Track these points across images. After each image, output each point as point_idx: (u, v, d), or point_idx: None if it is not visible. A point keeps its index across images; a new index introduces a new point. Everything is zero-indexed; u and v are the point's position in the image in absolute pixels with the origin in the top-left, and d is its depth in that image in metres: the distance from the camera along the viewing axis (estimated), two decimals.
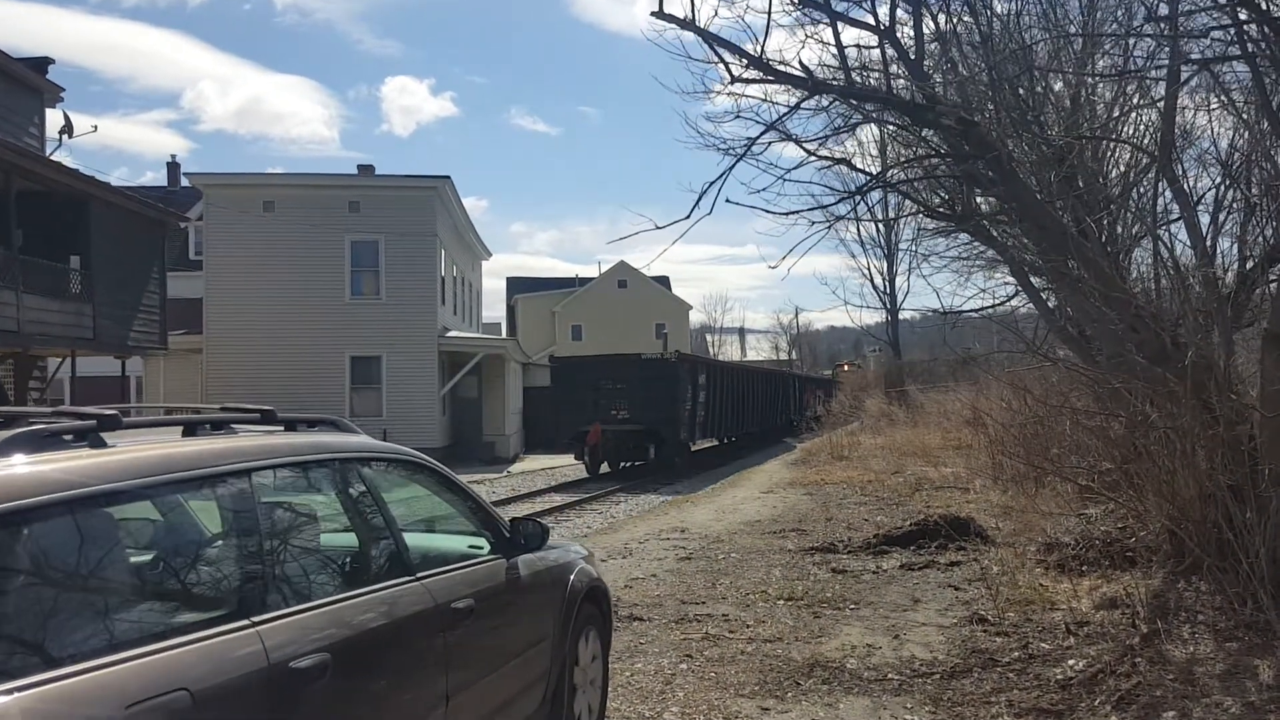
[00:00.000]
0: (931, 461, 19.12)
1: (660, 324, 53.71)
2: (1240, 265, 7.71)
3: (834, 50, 7.91)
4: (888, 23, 7.99)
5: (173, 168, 38.11)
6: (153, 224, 21.02)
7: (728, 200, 7.74)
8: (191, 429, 2.96)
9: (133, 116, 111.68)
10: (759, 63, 7.37)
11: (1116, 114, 9.53)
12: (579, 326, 56.38)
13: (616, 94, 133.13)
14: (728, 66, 7.51)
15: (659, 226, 7.78)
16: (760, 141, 7.73)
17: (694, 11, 7.19)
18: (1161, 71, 7.90)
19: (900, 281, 41.78)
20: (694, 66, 7.69)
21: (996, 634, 6.53)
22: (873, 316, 43.17)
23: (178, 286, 25.79)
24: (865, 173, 9.37)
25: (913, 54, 8.06)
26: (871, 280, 42.47)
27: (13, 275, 15.85)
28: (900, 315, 41.91)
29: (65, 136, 21.36)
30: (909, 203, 11.59)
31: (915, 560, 9.45)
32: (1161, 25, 7.10)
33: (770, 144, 8.01)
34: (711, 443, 29.24)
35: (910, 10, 8.16)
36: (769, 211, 7.93)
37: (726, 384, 28.42)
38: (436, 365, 26.88)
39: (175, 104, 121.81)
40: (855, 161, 9.37)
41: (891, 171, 10.15)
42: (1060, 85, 9.65)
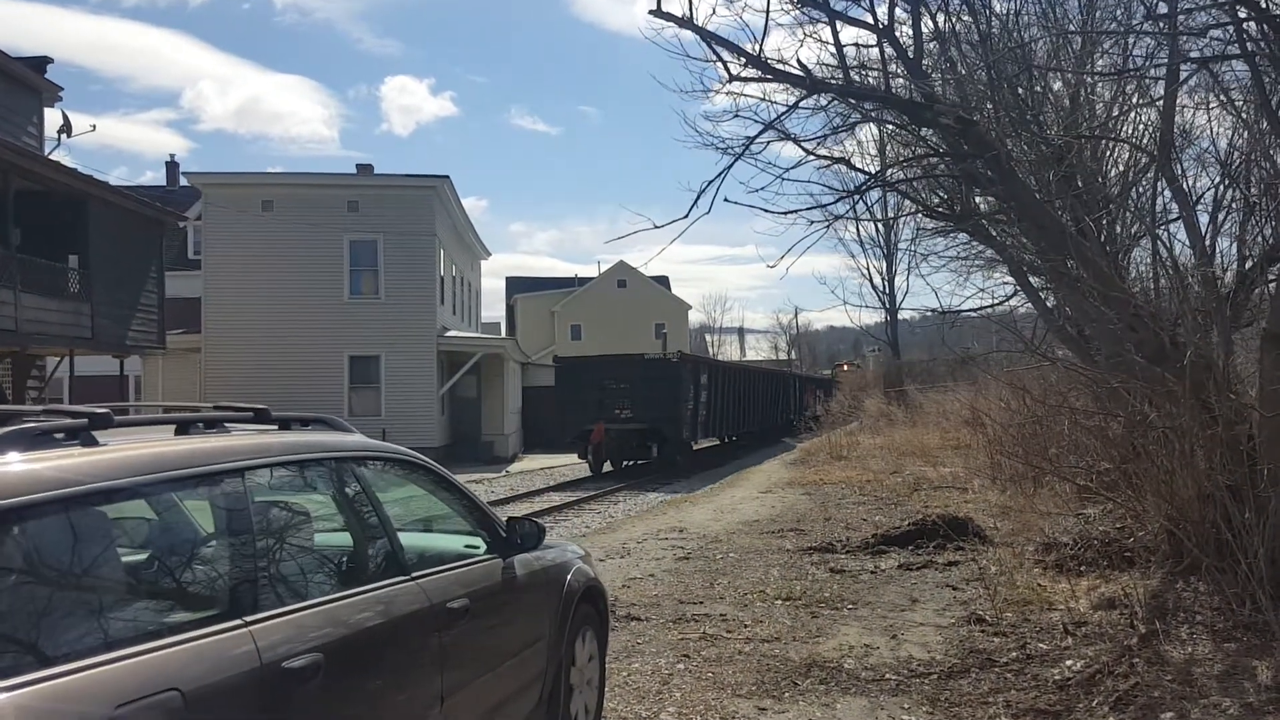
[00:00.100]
0: (930, 461, 19.12)
1: (660, 324, 53.67)
2: (1239, 265, 7.70)
3: (832, 49, 7.92)
4: (886, 22, 7.99)
5: (171, 167, 38.07)
6: (151, 223, 21.01)
7: (726, 200, 7.74)
8: (184, 428, 2.93)
9: (132, 116, 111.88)
10: (757, 61, 7.36)
11: (1115, 113, 9.53)
12: (578, 326, 56.37)
13: (616, 94, 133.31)
14: (726, 65, 7.51)
15: (657, 226, 7.78)
16: (759, 141, 7.74)
17: (692, 10, 7.19)
18: (1160, 71, 7.89)
19: (899, 281, 41.87)
20: (692, 65, 7.69)
21: (994, 634, 6.52)
22: (872, 316, 43.26)
23: (176, 286, 25.81)
24: (864, 172, 9.36)
25: (911, 53, 8.06)
26: (871, 280, 42.59)
27: (11, 274, 15.83)
28: (899, 315, 42.00)
29: (64, 136, 21.40)
30: (908, 202, 11.59)
31: (913, 560, 9.44)
32: (1160, 24, 7.09)
33: (769, 143, 8.02)
34: (713, 442, 29.27)
35: (909, 9, 8.15)
36: (768, 211, 7.93)
37: (728, 384, 28.50)
38: (435, 365, 26.86)
39: (175, 103, 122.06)
40: (854, 161, 9.37)
41: (890, 171, 10.15)
42: (1059, 84, 9.64)
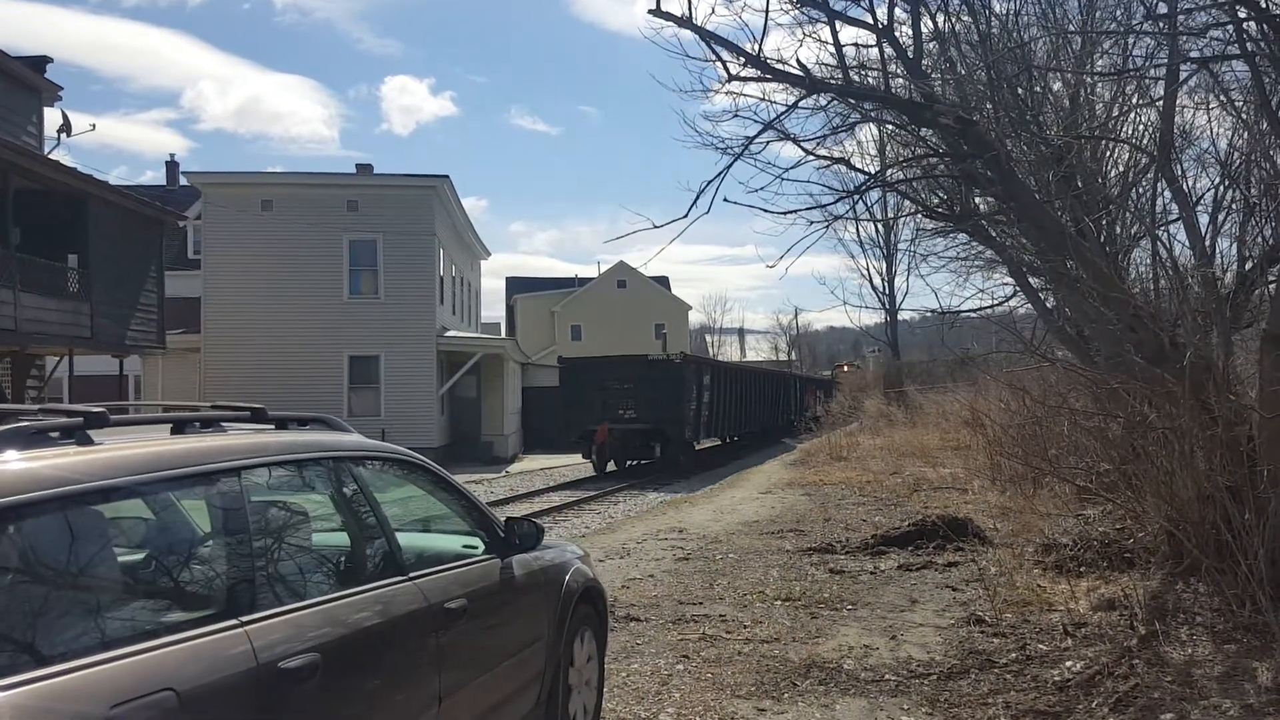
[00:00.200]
0: (930, 462, 19.11)
1: (659, 324, 53.65)
2: (1239, 266, 7.69)
3: (832, 49, 7.91)
4: (886, 22, 7.98)
5: (171, 167, 38.03)
6: (151, 223, 21.00)
7: (725, 199, 7.74)
8: (180, 427, 2.92)
9: (133, 116, 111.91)
10: (756, 61, 7.35)
11: (1115, 114, 9.52)
12: (578, 326, 56.33)
13: (616, 94, 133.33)
14: (725, 65, 7.50)
15: (656, 225, 7.77)
16: (758, 140, 7.73)
17: (691, 9, 7.18)
18: (1160, 71, 7.89)
19: (899, 282, 41.89)
20: (691, 65, 7.69)
21: (994, 635, 6.51)
22: (872, 317, 43.28)
23: (176, 285, 25.79)
24: (863, 172, 9.36)
25: (911, 53, 8.05)
26: (870, 280, 42.62)
27: (10, 273, 15.81)
28: (899, 316, 42.03)
29: (63, 135, 21.42)
30: (907, 203, 11.59)
31: (913, 561, 9.43)
32: (1160, 24, 7.08)
33: (768, 143, 8.02)
34: (715, 442, 29.32)
35: (909, 10, 8.14)
36: (767, 211, 7.93)
37: (730, 384, 28.58)
38: (435, 365, 26.84)
39: (175, 103, 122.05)
40: (854, 161, 9.38)
41: (890, 171, 10.15)
42: (1059, 85, 9.64)
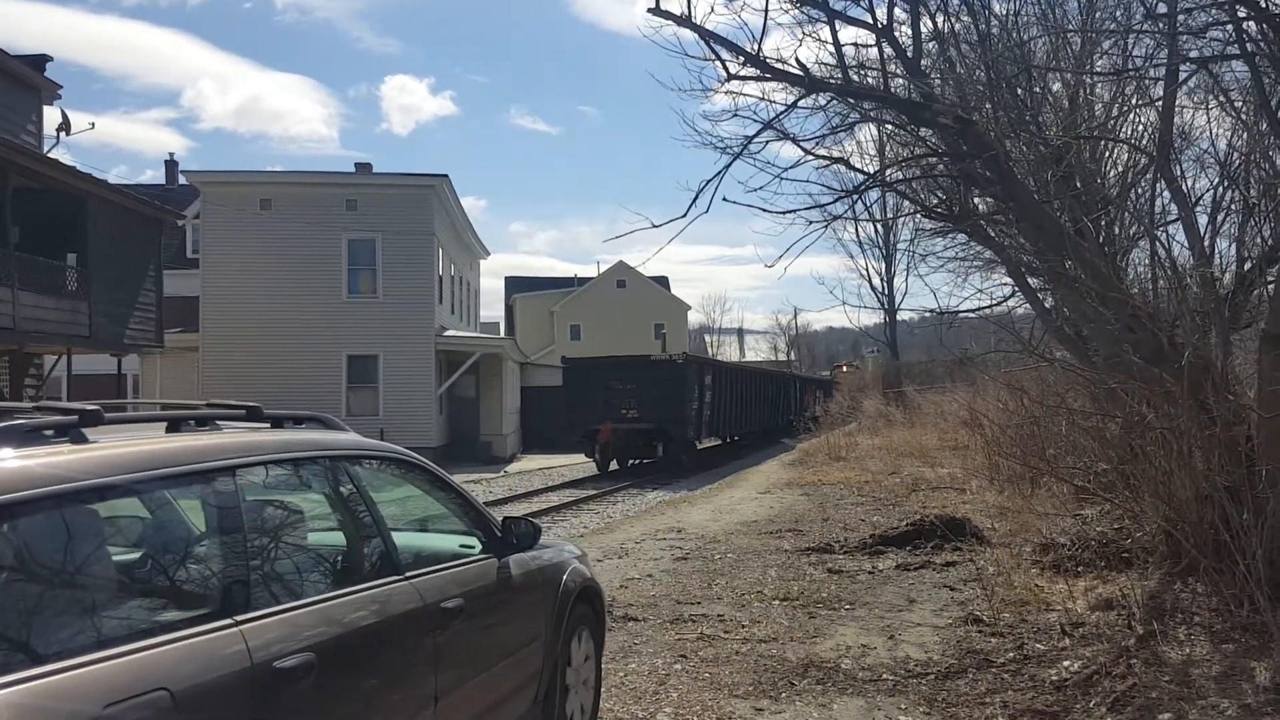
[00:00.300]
0: (928, 462, 19.11)
1: (659, 324, 53.63)
2: (1238, 266, 7.69)
3: (831, 49, 7.91)
4: (885, 22, 7.98)
5: (170, 166, 38.00)
6: (149, 222, 20.98)
7: (725, 199, 7.74)
8: (175, 425, 2.90)
9: (133, 115, 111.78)
10: (756, 60, 7.34)
11: (1115, 114, 9.52)
12: (577, 326, 56.30)
13: (616, 93, 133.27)
14: (724, 64, 7.50)
15: (655, 225, 7.77)
16: (757, 140, 7.73)
17: (690, 8, 7.18)
18: (1160, 71, 7.88)
19: (898, 282, 41.93)
20: (691, 64, 7.69)
21: (992, 635, 6.50)
22: (871, 317, 43.31)
23: (174, 284, 25.77)
24: (863, 172, 9.36)
25: (910, 53, 8.05)
26: (869, 281, 42.67)
27: (8, 272, 15.81)
28: (898, 316, 42.06)
29: (63, 134, 21.42)
30: (907, 203, 11.59)
31: (911, 561, 9.43)
32: (1160, 23, 7.08)
33: (767, 143, 8.02)
34: (716, 441, 29.45)
35: (908, 10, 8.14)
36: (766, 210, 7.92)
37: (731, 385, 28.81)
38: (434, 364, 26.83)
39: (175, 102, 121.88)
40: (853, 161, 9.37)
41: (889, 171, 10.14)
42: (1058, 85, 9.64)
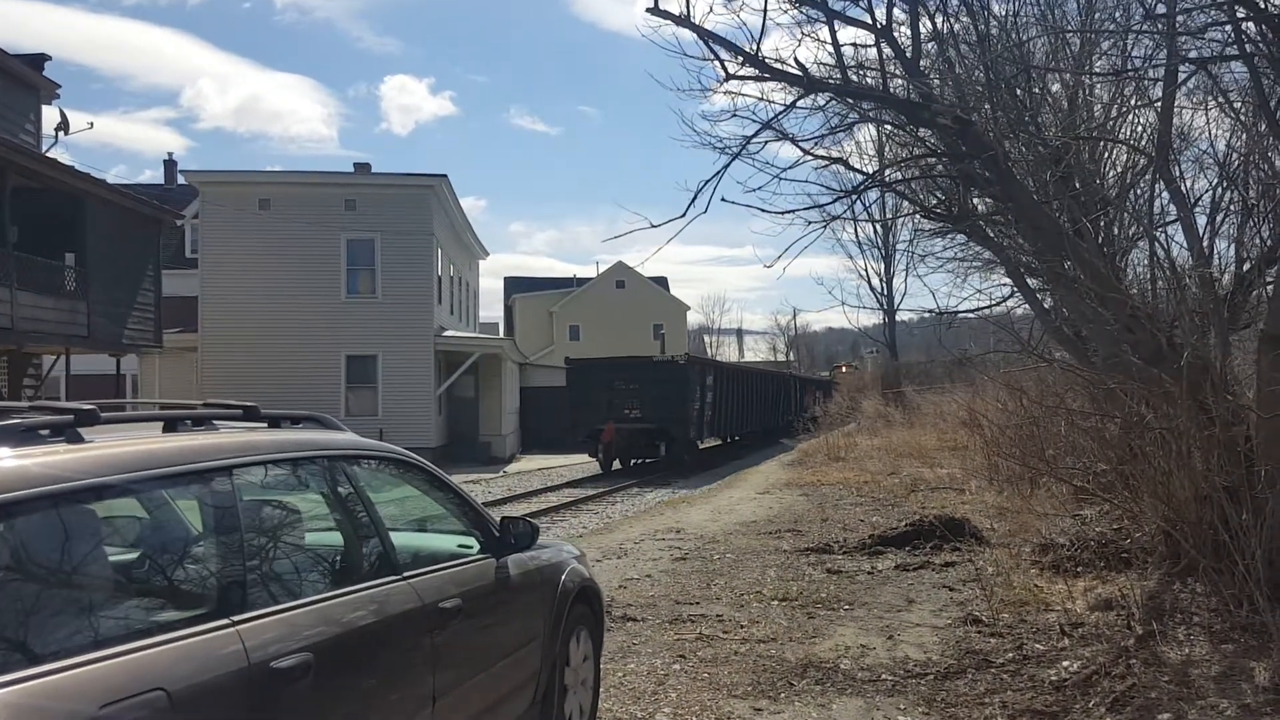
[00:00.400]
0: (927, 462, 19.11)
1: (658, 324, 53.62)
2: (1237, 267, 7.70)
3: (830, 49, 7.91)
4: (884, 22, 7.98)
5: (169, 165, 38.00)
6: (148, 221, 20.97)
7: (723, 199, 7.74)
8: (172, 425, 2.89)
9: (132, 114, 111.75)
10: (755, 60, 7.34)
11: (1114, 115, 9.52)
12: (576, 327, 56.28)
13: (616, 93, 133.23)
14: (723, 64, 7.49)
15: (654, 225, 7.77)
16: (756, 140, 7.73)
17: (689, 8, 7.18)
18: (1159, 72, 7.88)
19: (897, 283, 42.00)
20: (690, 64, 7.69)
21: (991, 635, 6.50)
22: (870, 318, 43.37)
23: (173, 284, 25.77)
24: (861, 172, 9.36)
25: (909, 53, 8.05)
26: (868, 281, 42.77)
27: (7, 272, 15.79)
28: (897, 316, 42.10)
29: (61, 133, 21.39)
30: (906, 203, 11.59)
31: (910, 561, 9.42)
32: (1159, 24, 7.08)
33: (766, 143, 8.02)
34: (717, 441, 29.56)
35: (907, 10, 8.14)
36: (765, 210, 7.92)
37: (732, 385, 29.06)
38: (433, 365, 26.82)
39: (174, 102, 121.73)
40: (852, 161, 9.38)
41: (888, 171, 10.14)
42: (1057, 86, 9.64)
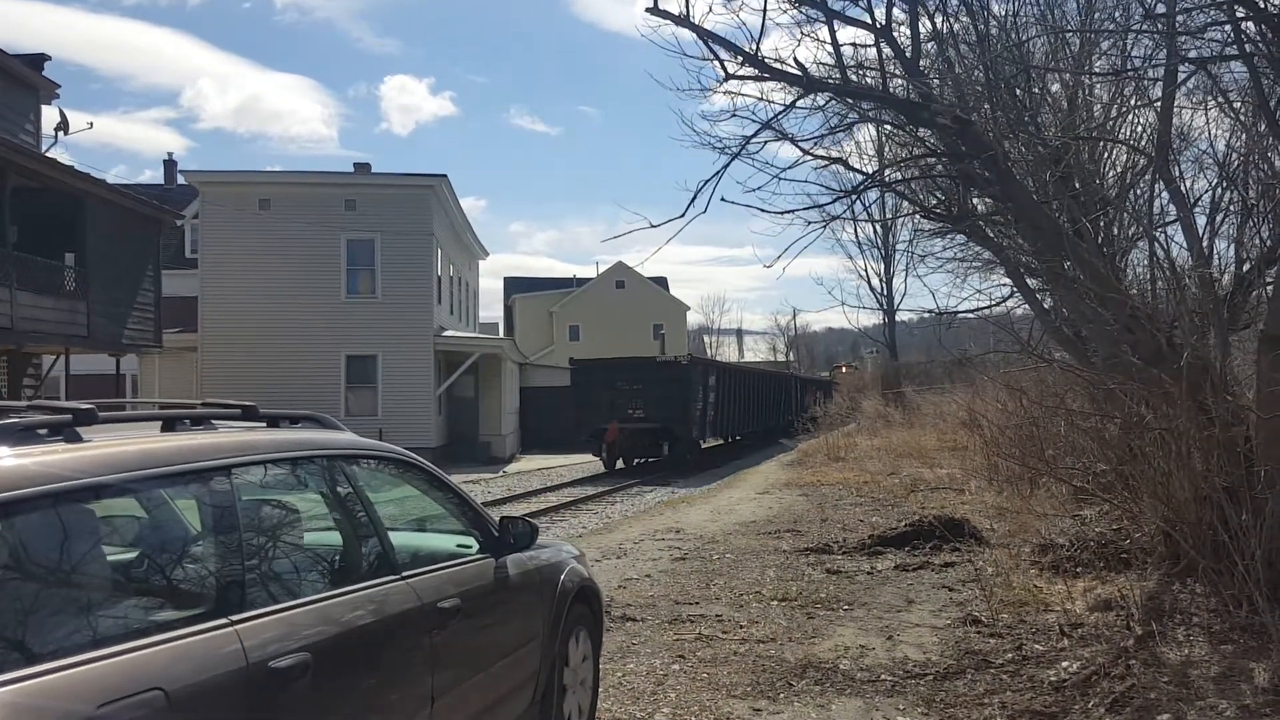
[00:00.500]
0: (927, 463, 19.10)
1: (658, 325, 53.61)
2: (1237, 267, 7.70)
3: (830, 49, 7.91)
4: (884, 22, 7.99)
5: (169, 165, 38.00)
6: (148, 221, 20.97)
7: (723, 199, 7.76)
8: (170, 424, 2.89)
9: (132, 114, 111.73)
10: (754, 60, 7.34)
11: (1113, 115, 9.52)
12: (576, 327, 56.28)
13: (616, 93, 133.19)
14: (723, 64, 7.50)
15: (654, 225, 7.77)
16: (756, 140, 7.74)
17: (688, 8, 7.18)
18: (1158, 72, 7.88)
19: (897, 283, 42.01)
20: (690, 64, 7.70)
21: (990, 635, 6.50)
22: (869, 318, 43.39)
23: (173, 284, 25.75)
24: (861, 172, 9.36)
25: (909, 53, 8.05)
26: (868, 281, 42.78)
27: (6, 272, 15.78)
28: (897, 317, 42.11)
29: (61, 133, 21.39)
30: (905, 203, 11.59)
31: (910, 561, 9.42)
32: (1158, 23, 7.07)
33: (766, 143, 8.03)
34: (719, 441, 29.63)
35: (907, 10, 8.14)
36: (765, 210, 7.93)
37: (734, 385, 29.25)
38: (432, 365, 26.82)
39: (174, 102, 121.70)
40: (851, 161, 9.38)
41: (887, 171, 10.14)
42: (1057, 86, 9.64)
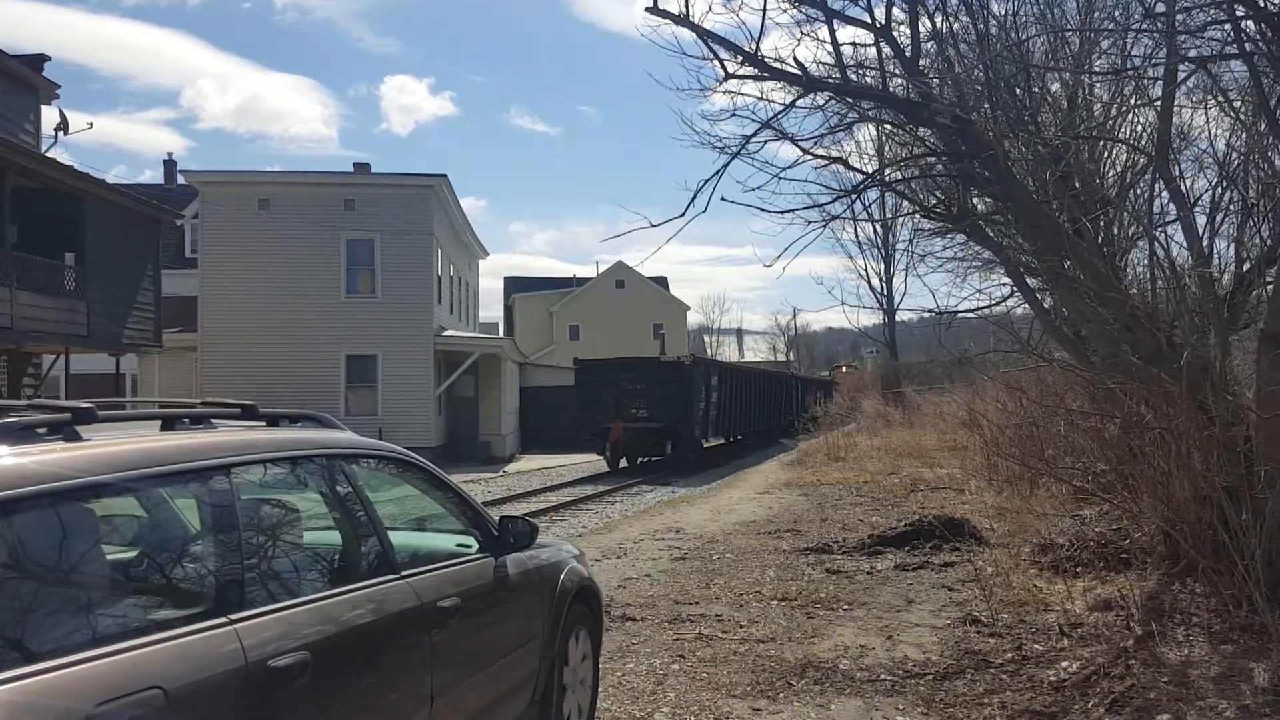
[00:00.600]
0: (927, 462, 19.11)
1: (658, 324, 53.61)
2: (1237, 266, 7.70)
3: (830, 49, 7.91)
4: (884, 21, 7.99)
5: (169, 165, 38.00)
6: (148, 221, 20.97)
7: (723, 199, 7.76)
8: (170, 423, 2.89)
9: (132, 115, 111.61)
10: (754, 59, 7.34)
11: (1113, 114, 9.52)
12: (576, 327, 56.27)
13: (616, 93, 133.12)
14: (723, 63, 7.50)
15: (654, 225, 7.78)
16: (756, 139, 7.74)
17: (688, 7, 7.18)
18: (1158, 71, 7.88)
19: (897, 282, 42.03)
20: (689, 64, 7.71)
21: (990, 635, 6.49)
22: (869, 318, 43.43)
23: (173, 284, 25.75)
24: (861, 172, 9.36)
25: (909, 53, 8.04)
26: (868, 281, 42.81)
27: (6, 271, 15.78)
28: (897, 316, 42.13)
29: (61, 133, 21.37)
30: (905, 203, 11.59)
31: (909, 561, 9.42)
32: (1158, 23, 7.07)
33: (766, 142, 8.03)
34: (721, 441, 29.71)
35: (907, 9, 8.14)
36: (764, 210, 7.93)
37: (735, 385, 29.43)
38: (432, 364, 26.81)
39: (174, 102, 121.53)
40: (851, 161, 9.38)
41: (887, 170, 10.14)
42: (1057, 85, 9.64)
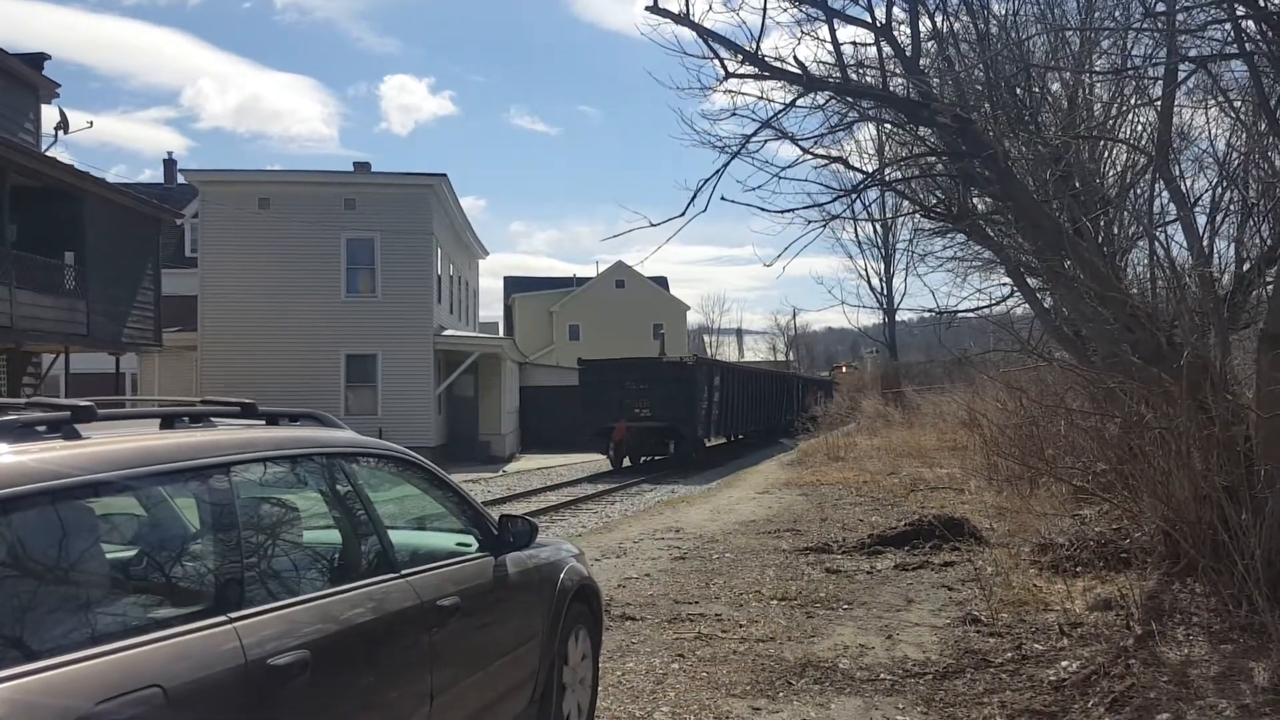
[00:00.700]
0: (927, 462, 19.11)
1: (658, 324, 53.62)
2: (1237, 266, 7.69)
3: (830, 48, 7.91)
4: (884, 21, 7.99)
5: (169, 164, 38.04)
6: (148, 220, 20.97)
7: (723, 198, 7.75)
8: (169, 422, 2.89)
9: (132, 114, 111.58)
10: (754, 59, 7.34)
11: (1114, 114, 9.52)
12: (576, 326, 56.27)
13: (616, 93, 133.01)
14: (723, 63, 7.49)
15: (654, 224, 7.78)
16: (756, 139, 7.74)
17: (688, 7, 7.18)
18: (1159, 71, 7.87)
19: (897, 282, 42.02)
20: (690, 63, 7.71)
21: (990, 635, 6.49)
22: (869, 318, 43.43)
23: (173, 283, 25.75)
24: (861, 171, 9.36)
25: (909, 52, 8.04)
26: (868, 281, 42.80)
27: (6, 270, 15.78)
28: (897, 316, 42.13)
29: (61, 132, 21.36)
30: (905, 202, 11.59)
31: (909, 560, 9.42)
32: (1159, 22, 7.07)
33: (766, 142, 8.02)
34: (722, 440, 29.79)
35: (907, 9, 8.14)
36: (765, 209, 7.92)
37: (737, 385, 29.58)
38: (432, 364, 26.81)
39: (174, 102, 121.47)
40: (851, 160, 9.37)
41: (888, 170, 10.14)
42: (1057, 85, 9.64)
